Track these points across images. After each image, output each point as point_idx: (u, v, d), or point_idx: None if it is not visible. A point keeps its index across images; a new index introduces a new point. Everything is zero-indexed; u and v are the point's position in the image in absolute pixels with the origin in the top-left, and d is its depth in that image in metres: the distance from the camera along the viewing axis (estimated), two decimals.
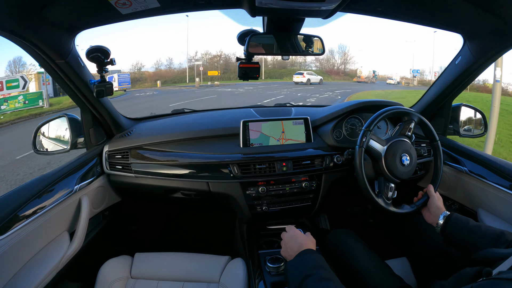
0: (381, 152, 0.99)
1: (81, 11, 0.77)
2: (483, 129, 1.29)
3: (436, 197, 0.93)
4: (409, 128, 1.01)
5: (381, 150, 0.99)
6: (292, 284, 0.67)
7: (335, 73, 32.36)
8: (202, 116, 1.41)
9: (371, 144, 0.99)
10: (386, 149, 0.99)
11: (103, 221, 1.15)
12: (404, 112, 1.02)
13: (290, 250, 0.77)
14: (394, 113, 1.00)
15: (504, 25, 0.82)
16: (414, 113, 1.01)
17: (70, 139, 1.12)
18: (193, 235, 1.67)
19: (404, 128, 1.03)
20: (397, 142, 1.00)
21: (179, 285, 0.95)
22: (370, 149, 1.00)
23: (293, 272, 0.69)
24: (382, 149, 0.99)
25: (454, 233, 0.81)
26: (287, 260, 0.78)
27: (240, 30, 0.91)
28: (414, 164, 1.00)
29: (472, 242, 0.76)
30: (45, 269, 0.80)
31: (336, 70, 33.43)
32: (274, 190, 1.13)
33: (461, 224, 0.81)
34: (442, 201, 0.93)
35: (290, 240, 0.80)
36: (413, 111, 1.02)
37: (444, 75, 1.16)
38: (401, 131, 1.03)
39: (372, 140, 0.99)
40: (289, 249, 0.78)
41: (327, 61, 33.19)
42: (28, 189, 0.81)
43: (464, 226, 0.80)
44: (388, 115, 0.99)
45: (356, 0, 0.77)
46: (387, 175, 0.97)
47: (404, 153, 0.98)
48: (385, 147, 0.99)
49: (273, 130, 1.17)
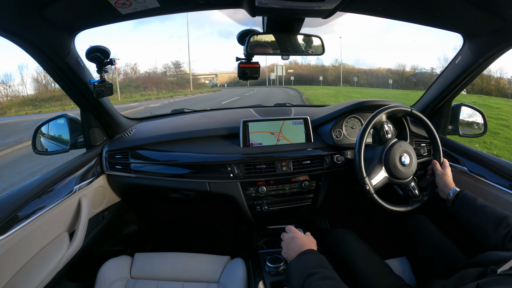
0: (386, 142, 0.99)
1: (81, 11, 0.77)
2: (483, 129, 1.29)
3: (442, 173, 0.95)
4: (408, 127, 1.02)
5: (387, 139, 0.99)
6: (294, 283, 0.67)
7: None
8: (202, 116, 1.41)
9: (371, 143, 0.99)
10: (385, 149, 0.99)
11: (103, 221, 1.15)
12: (404, 110, 1.02)
13: (291, 251, 0.77)
14: (393, 111, 1.00)
15: (504, 25, 0.82)
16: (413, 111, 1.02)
17: (70, 139, 1.12)
18: (193, 235, 1.67)
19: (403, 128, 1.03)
20: (396, 142, 1.00)
21: (179, 285, 0.95)
22: (377, 133, 1.00)
23: (295, 272, 0.69)
24: (388, 139, 1.00)
25: (460, 211, 0.83)
26: (288, 261, 0.77)
27: (240, 30, 0.91)
28: (414, 164, 1.00)
29: (475, 222, 0.77)
30: (44, 269, 0.80)
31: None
32: (274, 190, 1.13)
33: (468, 202, 0.82)
34: (451, 177, 0.95)
35: (291, 241, 0.79)
36: (413, 109, 1.03)
37: (444, 75, 1.16)
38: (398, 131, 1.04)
39: (382, 125, 1.00)
40: (290, 250, 0.78)
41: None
42: (28, 190, 0.81)
43: (471, 204, 0.81)
44: (388, 114, 0.99)
45: (356, 0, 0.77)
46: (382, 165, 0.97)
47: (404, 153, 0.98)
48: (391, 138, 0.99)
49: (273, 130, 1.16)
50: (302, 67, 44.72)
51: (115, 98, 18.96)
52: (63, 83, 0.95)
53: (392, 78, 33.37)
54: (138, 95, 22.03)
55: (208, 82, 45.49)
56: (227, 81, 45.86)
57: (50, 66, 0.87)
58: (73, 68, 0.90)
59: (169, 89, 26.41)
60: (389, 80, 31.16)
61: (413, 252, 0.99)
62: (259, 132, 1.15)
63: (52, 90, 21.56)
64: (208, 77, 46.57)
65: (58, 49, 0.84)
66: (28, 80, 26.14)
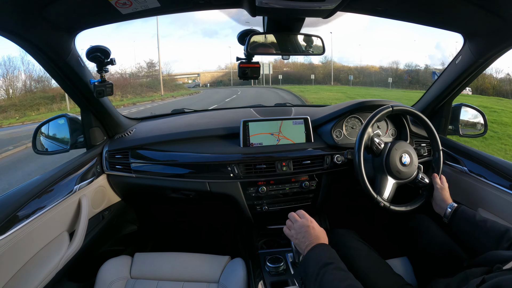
0: (381, 152, 0.99)
1: (81, 11, 0.77)
2: (483, 129, 1.29)
3: (441, 188, 0.95)
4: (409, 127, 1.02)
5: (381, 149, 0.99)
6: (309, 271, 0.68)
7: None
8: (202, 116, 1.41)
9: (369, 158, 1.00)
10: (385, 148, 0.99)
11: (103, 221, 1.15)
12: (403, 109, 1.03)
13: (306, 240, 0.76)
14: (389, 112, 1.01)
15: (504, 25, 0.82)
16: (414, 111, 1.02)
17: (70, 139, 1.12)
18: (193, 235, 1.67)
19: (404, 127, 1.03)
20: (396, 142, 1.00)
21: (179, 285, 0.95)
22: (370, 148, 1.00)
23: (311, 262, 0.70)
24: (382, 149, 0.99)
25: (459, 226, 0.82)
26: (296, 247, 0.79)
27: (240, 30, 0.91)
28: (414, 163, 1.00)
29: (476, 236, 0.77)
30: (44, 269, 0.80)
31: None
32: (274, 190, 1.13)
33: (467, 218, 0.82)
34: (448, 192, 0.95)
35: (306, 230, 0.78)
36: (413, 109, 1.03)
37: (444, 75, 1.16)
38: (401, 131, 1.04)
39: (372, 140, 1.00)
40: (304, 239, 0.76)
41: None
42: (28, 189, 0.81)
43: (470, 219, 0.81)
44: (386, 113, 0.99)
45: (356, 0, 0.77)
46: (382, 169, 0.97)
47: (404, 153, 0.99)
48: (385, 147, 0.99)
49: (273, 130, 1.16)
50: (288, 65, 42.78)
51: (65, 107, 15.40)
52: (63, 83, 0.95)
53: (386, 76, 31.84)
54: None
55: (191, 81, 44.29)
56: (210, 81, 44.80)
57: (50, 66, 0.87)
58: (74, 68, 0.90)
59: (137, 93, 21.96)
60: (389, 78, 29.55)
61: (414, 251, 0.98)
62: (259, 132, 1.15)
63: (11, 97, 17.21)
64: (191, 76, 45.66)
65: (59, 49, 0.84)
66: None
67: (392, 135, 1.24)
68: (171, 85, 28.98)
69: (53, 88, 17.79)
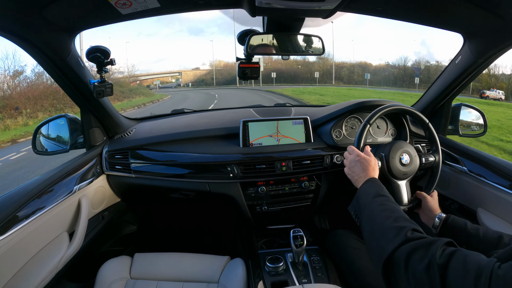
0: (381, 152, 0.99)
1: (81, 12, 0.77)
2: (483, 128, 1.29)
3: (429, 199, 0.93)
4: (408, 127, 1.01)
5: (381, 149, 0.99)
6: (362, 202, 0.74)
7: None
8: (201, 116, 1.41)
9: (370, 143, 0.99)
10: (385, 148, 0.99)
11: (102, 221, 1.15)
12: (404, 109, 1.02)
13: (355, 174, 0.84)
14: (390, 110, 1.00)
15: (504, 25, 0.82)
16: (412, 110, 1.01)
17: (70, 139, 1.12)
18: (193, 235, 1.67)
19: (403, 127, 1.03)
20: (396, 141, 1.00)
21: (179, 285, 0.95)
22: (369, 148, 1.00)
23: (364, 193, 0.76)
24: (381, 149, 0.99)
25: (449, 237, 0.81)
26: (352, 180, 0.86)
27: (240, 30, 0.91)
28: (414, 163, 1.00)
29: (473, 245, 0.75)
30: (44, 269, 0.80)
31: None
32: (273, 190, 1.13)
33: (458, 227, 0.80)
34: (437, 202, 0.93)
35: (355, 164, 0.86)
36: (412, 108, 1.03)
37: (444, 75, 1.16)
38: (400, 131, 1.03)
39: (371, 139, 0.99)
40: (354, 173, 0.85)
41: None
42: (28, 190, 0.81)
43: (462, 229, 0.79)
44: (386, 113, 0.99)
45: (356, 0, 0.77)
46: (387, 175, 0.97)
47: (404, 152, 0.98)
48: (384, 146, 0.99)
49: (272, 130, 1.16)
50: (280, 61, 39.01)
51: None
52: (63, 83, 0.95)
53: (393, 73, 28.13)
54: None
55: (175, 81, 43.41)
56: (192, 80, 43.18)
57: (50, 66, 0.87)
58: (73, 68, 0.90)
59: (57, 108, 12.67)
60: (416, 78, 24.44)
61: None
62: (259, 132, 1.15)
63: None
64: (174, 75, 44.50)
65: (58, 49, 0.84)
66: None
67: (391, 135, 1.24)
68: (124, 90, 20.47)
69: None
